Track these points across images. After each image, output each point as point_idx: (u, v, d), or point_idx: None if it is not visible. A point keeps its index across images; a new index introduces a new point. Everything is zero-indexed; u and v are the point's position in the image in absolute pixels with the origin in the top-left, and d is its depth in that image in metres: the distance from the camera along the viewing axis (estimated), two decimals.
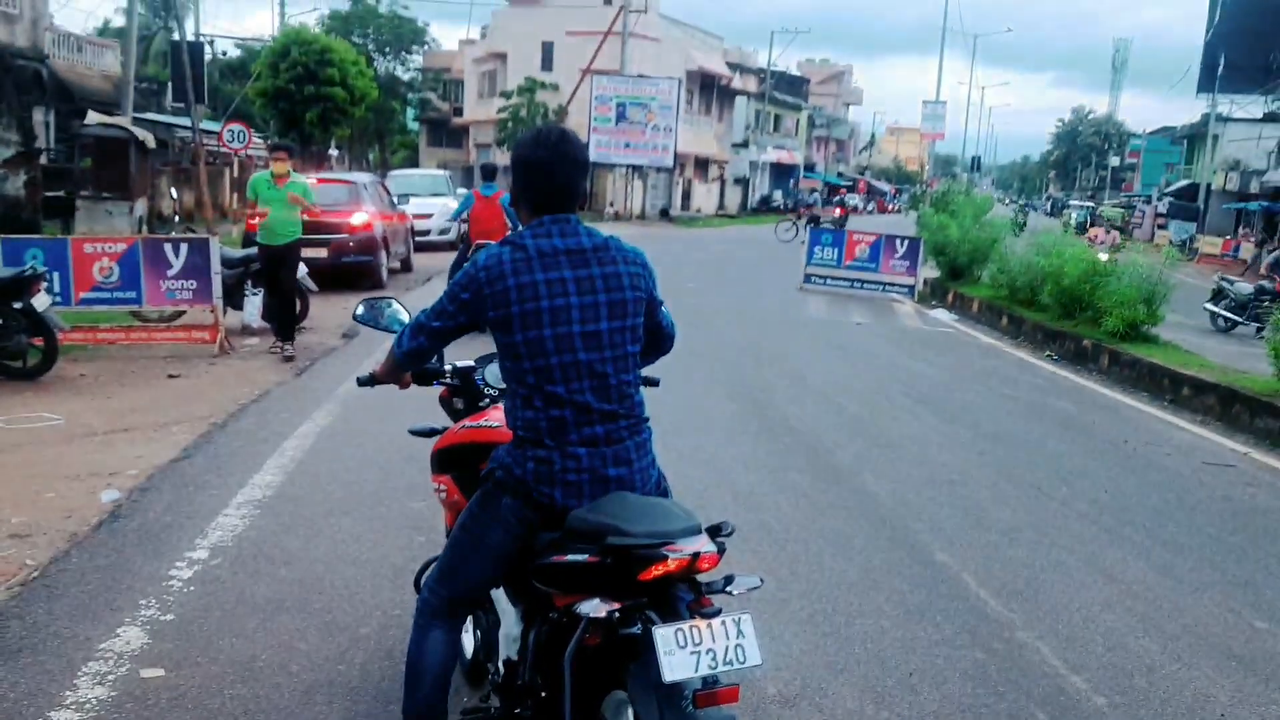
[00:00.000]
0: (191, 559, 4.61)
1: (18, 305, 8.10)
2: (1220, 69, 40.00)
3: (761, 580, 2.54)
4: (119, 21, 45.11)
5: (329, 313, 12.29)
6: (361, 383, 3.21)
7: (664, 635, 2.25)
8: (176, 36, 27.32)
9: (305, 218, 9.90)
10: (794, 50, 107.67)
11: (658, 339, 2.91)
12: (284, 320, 9.83)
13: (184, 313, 10.43)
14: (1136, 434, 8.52)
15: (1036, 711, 3.69)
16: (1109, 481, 6.89)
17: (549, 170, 2.67)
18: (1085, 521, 5.95)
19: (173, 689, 3.50)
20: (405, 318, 3.29)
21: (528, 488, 2.62)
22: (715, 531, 2.48)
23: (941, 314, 16.77)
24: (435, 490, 3.37)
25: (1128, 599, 4.81)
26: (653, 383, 3.26)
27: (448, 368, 3.34)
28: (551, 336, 2.59)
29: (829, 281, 18.74)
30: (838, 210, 40.58)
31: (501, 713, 2.92)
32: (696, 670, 2.25)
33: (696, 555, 2.35)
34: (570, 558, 2.47)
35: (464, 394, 3.42)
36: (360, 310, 3.43)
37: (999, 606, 4.60)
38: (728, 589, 2.42)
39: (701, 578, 2.44)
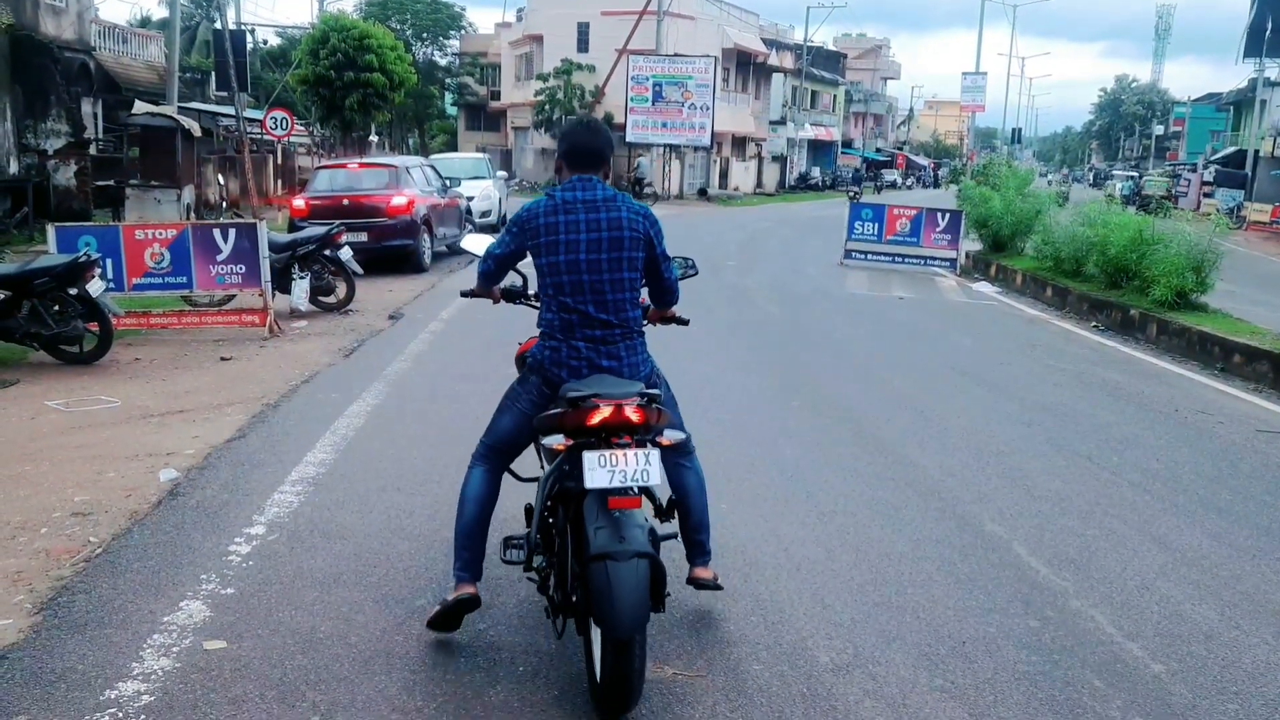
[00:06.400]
0: (250, 535, 4.71)
1: (73, 291, 8.28)
2: (1268, 32, 38.95)
3: (689, 434, 3.52)
4: (159, 14, 45.71)
5: (375, 295, 12.44)
6: (464, 294, 4.21)
7: (589, 457, 3.18)
8: (218, 26, 27.57)
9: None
10: (830, 26, 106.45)
11: (661, 290, 3.89)
12: None
13: (234, 297, 10.59)
14: (1187, 403, 8.39)
15: (1093, 678, 3.67)
16: (1160, 450, 6.80)
17: (583, 145, 3.70)
18: (1137, 490, 5.89)
19: (235, 660, 3.58)
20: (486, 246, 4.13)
21: (545, 369, 3.59)
22: (647, 397, 3.29)
23: (985, 287, 16.58)
24: None
25: (1183, 566, 4.76)
26: (683, 322, 4.18)
27: (532, 291, 4.04)
28: (563, 261, 3.53)
29: (869, 257, 18.61)
30: None
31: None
32: (611, 482, 3.16)
33: (620, 406, 3.19)
34: (550, 411, 3.43)
35: None
36: (463, 242, 4.52)
37: (1051, 575, 4.58)
38: (658, 438, 3.35)
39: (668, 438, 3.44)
